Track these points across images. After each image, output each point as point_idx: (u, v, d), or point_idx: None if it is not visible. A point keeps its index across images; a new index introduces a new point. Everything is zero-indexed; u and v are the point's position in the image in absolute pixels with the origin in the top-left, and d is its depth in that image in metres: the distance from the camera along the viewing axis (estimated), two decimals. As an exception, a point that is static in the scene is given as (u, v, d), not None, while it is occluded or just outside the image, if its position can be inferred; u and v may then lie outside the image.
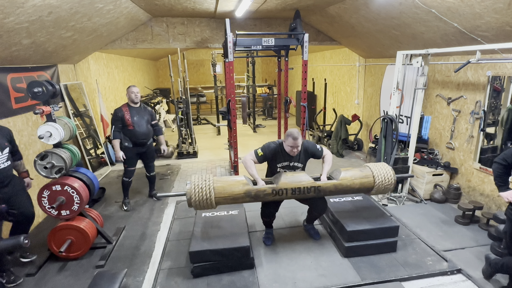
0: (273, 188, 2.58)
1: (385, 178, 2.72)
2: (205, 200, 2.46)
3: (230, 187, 2.56)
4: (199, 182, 2.50)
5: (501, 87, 3.24)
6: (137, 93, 3.64)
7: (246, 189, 2.55)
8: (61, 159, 2.70)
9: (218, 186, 2.53)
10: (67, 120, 3.00)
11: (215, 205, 2.54)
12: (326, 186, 2.65)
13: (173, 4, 4.16)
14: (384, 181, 2.71)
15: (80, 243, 2.83)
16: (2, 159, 2.46)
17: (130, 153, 3.68)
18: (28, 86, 2.60)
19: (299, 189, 2.59)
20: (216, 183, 2.54)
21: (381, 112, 5.24)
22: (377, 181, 2.71)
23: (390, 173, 2.74)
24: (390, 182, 2.73)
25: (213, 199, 2.47)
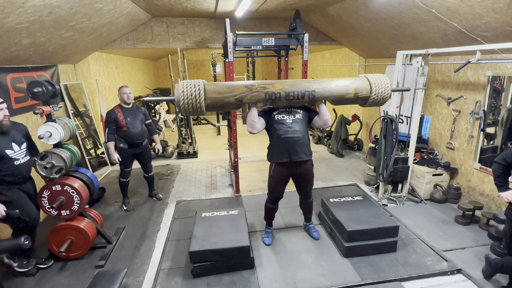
0: (267, 91, 2.42)
1: (382, 88, 2.55)
2: (195, 98, 2.26)
3: (223, 86, 2.40)
4: (189, 84, 2.32)
5: (501, 87, 3.24)
6: (130, 93, 3.59)
7: (240, 90, 2.39)
8: (61, 159, 2.70)
9: (210, 87, 2.36)
10: (67, 120, 3.00)
11: (204, 108, 2.34)
12: (321, 91, 2.50)
13: (173, 4, 4.16)
14: (381, 92, 2.55)
15: (80, 243, 2.83)
16: (21, 154, 2.50)
17: (125, 154, 3.65)
18: (28, 86, 2.60)
19: (293, 93, 2.45)
20: (208, 85, 2.38)
21: (381, 112, 5.23)
22: (373, 90, 2.55)
23: (388, 84, 2.58)
24: (386, 94, 2.58)
25: (202, 98, 2.28)
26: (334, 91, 2.51)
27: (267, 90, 2.42)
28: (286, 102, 2.53)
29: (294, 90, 2.45)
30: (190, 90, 2.27)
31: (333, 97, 2.54)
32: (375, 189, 4.27)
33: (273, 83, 2.47)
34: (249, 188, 4.43)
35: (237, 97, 2.38)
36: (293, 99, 2.47)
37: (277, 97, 2.44)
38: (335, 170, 5.15)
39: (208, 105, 2.36)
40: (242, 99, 2.39)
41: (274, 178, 2.82)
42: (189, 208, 3.89)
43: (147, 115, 3.84)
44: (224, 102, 2.38)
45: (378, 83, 2.54)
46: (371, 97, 2.56)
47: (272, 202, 2.98)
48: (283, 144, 2.63)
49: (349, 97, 2.55)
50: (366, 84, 2.56)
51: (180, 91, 2.28)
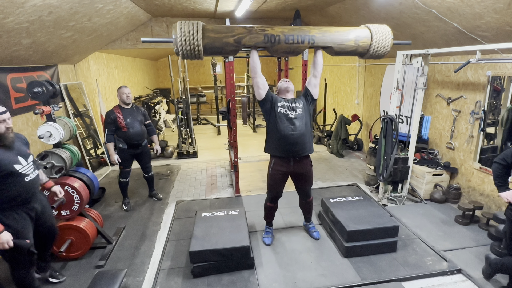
0: (266, 33, 2.37)
1: (382, 36, 2.50)
2: (193, 36, 2.20)
3: (222, 27, 2.35)
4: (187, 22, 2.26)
5: (501, 87, 3.24)
6: (129, 93, 3.58)
7: (239, 31, 2.33)
8: (61, 159, 2.70)
9: (209, 27, 2.31)
10: (67, 120, 3.01)
11: (202, 49, 2.28)
12: (321, 37, 2.46)
13: (173, 4, 4.16)
14: (382, 40, 2.51)
15: (80, 243, 2.83)
16: (29, 168, 2.13)
17: (125, 155, 3.64)
18: (28, 86, 2.60)
19: (293, 37, 2.40)
20: (207, 25, 2.33)
21: (381, 112, 5.24)
22: (374, 38, 2.50)
23: (389, 32, 2.53)
24: (387, 43, 2.52)
25: (200, 36, 2.22)
26: (335, 38, 2.47)
27: (267, 32, 2.37)
28: (285, 47, 2.46)
29: (294, 34, 2.41)
30: (188, 27, 2.22)
31: (333, 43, 2.49)
32: (375, 189, 4.27)
33: (273, 26, 2.44)
34: (249, 188, 4.43)
35: (236, 38, 2.33)
36: (292, 43, 2.41)
37: (276, 40, 2.39)
38: (335, 170, 5.15)
39: (206, 45, 2.30)
40: (241, 40, 2.35)
41: (273, 176, 2.82)
42: (189, 208, 3.89)
43: (146, 116, 3.83)
44: (223, 43, 2.33)
45: (379, 32, 2.50)
46: (372, 45, 2.51)
47: (271, 201, 2.98)
48: (283, 140, 2.63)
49: (350, 44, 2.50)
50: (367, 33, 2.52)
51: (178, 28, 2.22)
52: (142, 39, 2.32)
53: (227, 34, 2.31)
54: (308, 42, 2.44)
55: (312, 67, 2.71)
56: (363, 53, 2.58)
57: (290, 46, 2.44)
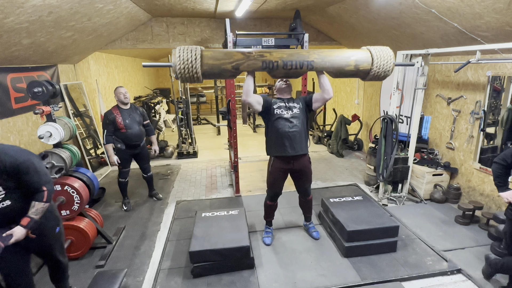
0: (264, 59, 2.34)
1: (384, 60, 2.42)
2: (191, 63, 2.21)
3: (220, 53, 2.35)
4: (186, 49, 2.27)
5: (501, 87, 3.24)
6: (126, 93, 3.56)
7: (237, 57, 2.31)
8: (61, 159, 2.70)
9: (207, 53, 2.31)
10: (67, 120, 3.01)
11: (201, 76, 2.28)
12: (320, 62, 2.41)
13: (173, 4, 4.16)
14: (383, 65, 2.44)
15: (80, 243, 2.83)
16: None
17: (123, 155, 3.63)
18: (28, 86, 2.60)
19: (291, 62, 2.36)
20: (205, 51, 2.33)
21: (381, 112, 5.24)
22: (375, 62, 2.42)
23: (390, 56, 2.46)
24: (389, 67, 2.46)
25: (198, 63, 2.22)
26: (334, 62, 2.43)
27: (265, 59, 2.35)
28: (283, 72, 2.44)
29: (293, 59, 2.38)
30: (186, 55, 2.22)
31: (333, 69, 2.45)
32: (375, 189, 4.27)
33: (271, 51, 2.40)
34: (249, 188, 4.43)
35: (234, 64, 2.32)
36: (291, 69, 2.39)
37: (274, 66, 2.36)
38: (335, 170, 5.15)
39: (205, 71, 2.30)
40: (239, 67, 2.34)
41: (273, 174, 2.84)
42: (189, 208, 3.89)
43: (145, 116, 3.81)
44: (221, 69, 2.32)
45: (381, 55, 2.43)
46: (373, 70, 2.45)
47: (271, 199, 2.99)
48: (281, 138, 2.67)
49: (349, 69, 2.45)
50: (367, 56, 2.46)
51: (177, 56, 2.22)
52: (142, 64, 2.34)
53: (225, 61, 2.31)
54: (307, 67, 2.41)
55: (317, 93, 2.72)
56: (364, 76, 2.55)
57: (288, 72, 2.43)
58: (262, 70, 2.41)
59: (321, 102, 2.73)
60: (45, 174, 1.90)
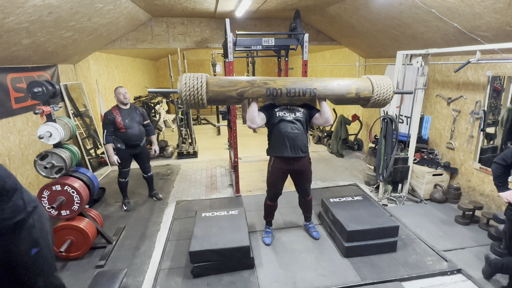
0: (268, 87, 2.43)
1: (383, 89, 2.52)
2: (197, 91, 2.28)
3: (225, 81, 2.41)
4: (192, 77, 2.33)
5: (501, 87, 3.24)
6: (125, 93, 3.56)
7: (241, 85, 2.39)
8: (61, 159, 2.70)
9: (212, 80, 2.37)
10: (67, 120, 3.00)
11: (206, 102, 2.34)
12: (323, 90, 2.50)
13: (173, 4, 4.16)
14: (383, 93, 2.52)
15: (80, 243, 2.83)
16: None
17: (123, 155, 3.63)
18: (28, 86, 2.60)
19: (294, 90, 2.45)
20: (211, 79, 2.39)
21: (381, 112, 5.23)
22: (375, 91, 2.52)
23: (390, 85, 2.55)
24: (388, 95, 2.54)
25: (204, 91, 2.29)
26: (336, 90, 2.51)
27: (269, 86, 2.43)
28: (287, 99, 2.54)
29: (296, 87, 2.46)
30: (192, 82, 2.29)
31: (334, 96, 2.54)
32: (375, 189, 4.27)
33: (275, 79, 2.48)
34: (249, 188, 4.43)
35: (239, 92, 2.38)
36: (294, 96, 2.48)
37: (278, 94, 2.44)
38: (335, 170, 5.15)
39: (210, 98, 2.37)
40: (244, 94, 2.40)
41: (273, 174, 2.84)
42: (189, 208, 3.89)
43: (145, 116, 3.81)
44: (226, 96, 2.39)
45: (380, 84, 2.53)
46: (373, 98, 2.55)
47: (271, 200, 2.99)
48: (282, 139, 2.68)
49: (351, 96, 2.54)
50: (368, 85, 2.55)
51: (183, 83, 2.29)
52: (148, 90, 2.43)
53: (230, 89, 2.37)
54: (309, 94, 2.49)
55: (319, 115, 2.71)
56: (364, 103, 2.63)
57: (292, 98, 2.52)
58: (266, 98, 2.50)
59: (319, 125, 2.78)
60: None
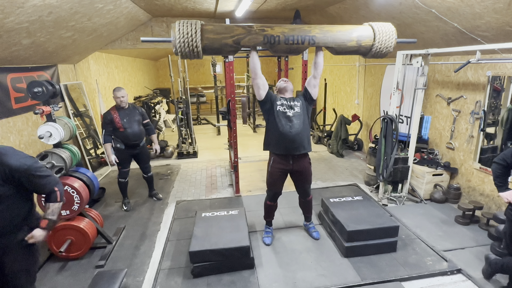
0: (266, 33, 2.32)
1: (386, 36, 2.42)
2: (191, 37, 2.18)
3: (221, 27, 2.32)
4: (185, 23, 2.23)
5: (501, 87, 3.24)
6: (122, 97, 3.51)
7: (238, 32, 2.30)
8: (61, 159, 2.70)
9: (207, 27, 2.27)
10: (67, 120, 3.00)
11: (201, 51, 2.26)
12: (322, 37, 2.40)
13: (173, 4, 4.16)
14: (385, 40, 2.43)
15: (80, 243, 2.83)
16: None
17: (122, 155, 3.64)
18: (28, 86, 2.60)
19: (293, 37, 2.35)
20: (206, 25, 2.29)
21: (381, 112, 5.24)
22: (377, 38, 2.42)
23: (392, 31, 2.44)
24: (391, 43, 2.44)
25: (199, 37, 2.20)
26: (336, 37, 2.42)
27: (266, 33, 2.34)
28: (285, 48, 2.42)
29: (294, 34, 2.37)
30: (186, 29, 2.19)
31: (334, 44, 2.44)
32: (375, 189, 4.27)
33: (272, 26, 2.40)
34: (249, 188, 4.43)
35: (235, 39, 2.31)
36: (292, 43, 2.38)
37: (276, 41, 2.35)
38: (335, 170, 5.15)
39: (205, 46, 2.28)
40: (240, 41, 2.32)
41: (272, 174, 2.84)
42: (189, 208, 3.89)
43: (145, 115, 3.80)
44: (221, 44, 2.31)
45: (382, 31, 2.43)
46: (375, 46, 2.44)
47: (271, 199, 2.99)
48: (281, 138, 2.66)
49: (351, 44, 2.44)
50: (369, 32, 2.45)
51: (176, 30, 2.20)
52: (141, 39, 2.30)
53: (226, 35, 2.29)
54: (308, 42, 2.40)
55: (313, 67, 2.71)
56: (365, 52, 2.53)
57: (290, 47, 2.41)
58: (263, 45, 2.39)
59: (315, 84, 2.73)
60: (52, 175, 1.89)
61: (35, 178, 1.77)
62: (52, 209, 1.87)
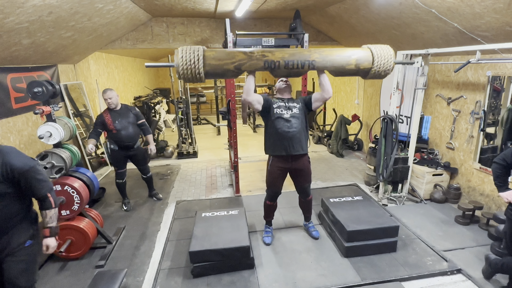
0: (266, 59, 2.37)
1: (384, 59, 2.45)
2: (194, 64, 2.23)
3: (223, 53, 2.36)
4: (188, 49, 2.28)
5: (501, 87, 3.24)
6: (111, 98, 3.47)
7: (239, 57, 2.34)
8: (61, 159, 2.70)
9: (209, 53, 2.32)
10: (67, 120, 3.01)
11: (204, 76, 2.31)
12: (321, 61, 2.43)
13: (173, 4, 4.16)
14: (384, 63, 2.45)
15: (80, 243, 2.83)
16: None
17: (117, 156, 3.63)
18: (28, 86, 2.60)
19: (293, 62, 2.39)
20: (208, 51, 2.33)
21: (381, 112, 5.24)
22: (376, 61, 2.45)
23: (391, 55, 2.47)
24: (389, 65, 2.47)
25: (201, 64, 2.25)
26: (335, 61, 2.45)
27: (267, 58, 2.37)
28: (285, 72, 2.48)
29: (294, 59, 2.40)
30: (189, 56, 2.24)
31: (334, 68, 2.48)
32: (375, 189, 4.27)
33: (272, 51, 2.43)
34: (249, 188, 4.43)
35: (236, 64, 2.34)
36: (292, 68, 2.42)
37: (276, 66, 2.39)
38: (335, 170, 5.15)
39: (207, 71, 2.33)
40: (241, 67, 2.36)
41: (272, 173, 2.84)
42: (189, 208, 3.89)
43: (139, 115, 3.75)
44: (223, 69, 2.35)
45: (381, 54, 2.46)
46: (373, 69, 2.47)
47: (271, 199, 2.99)
48: (280, 138, 2.67)
49: (350, 68, 2.47)
50: (368, 55, 2.48)
51: (180, 56, 2.24)
52: (145, 64, 2.36)
53: (227, 61, 2.33)
54: (308, 66, 2.44)
55: (316, 93, 2.72)
56: (364, 75, 2.57)
57: (290, 71, 2.46)
58: (264, 70, 2.43)
59: (320, 102, 2.74)
60: (48, 181, 1.89)
61: (34, 181, 1.77)
62: (49, 216, 1.88)
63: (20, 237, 1.81)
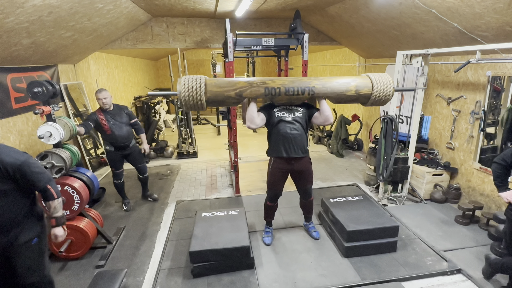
0: (267, 86, 2.43)
1: (383, 86, 2.50)
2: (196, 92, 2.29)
3: (224, 81, 2.42)
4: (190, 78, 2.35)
5: (501, 87, 3.24)
6: (105, 99, 3.43)
7: (240, 85, 2.40)
8: (61, 159, 2.70)
9: (211, 81, 2.39)
10: (67, 120, 3.00)
11: (205, 103, 2.36)
12: (321, 88, 2.48)
13: (173, 4, 4.16)
14: (383, 90, 2.50)
15: (80, 243, 2.83)
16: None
17: (113, 156, 3.63)
18: (28, 86, 2.60)
19: (293, 89, 2.45)
20: (209, 80, 2.41)
21: (381, 112, 5.23)
22: (375, 88, 2.50)
23: (390, 82, 2.53)
24: (389, 92, 2.52)
25: (203, 92, 2.30)
26: (335, 88, 2.50)
27: (267, 85, 2.43)
28: (286, 98, 2.53)
29: (294, 86, 2.46)
30: (191, 84, 2.31)
31: (334, 94, 2.52)
32: (375, 189, 4.27)
33: (273, 79, 2.48)
34: (249, 188, 4.43)
35: (237, 91, 2.39)
36: (293, 94, 2.47)
37: (276, 93, 2.44)
38: (335, 170, 5.15)
39: (209, 99, 2.38)
40: (242, 94, 2.41)
41: (273, 175, 2.84)
42: (189, 208, 3.89)
43: (131, 115, 3.73)
44: (224, 96, 2.40)
45: (380, 81, 2.51)
46: (373, 95, 2.52)
47: (271, 200, 2.98)
48: (281, 140, 2.67)
49: (350, 94, 2.52)
50: (367, 82, 2.52)
51: (182, 84, 2.31)
52: (148, 93, 2.42)
53: (228, 89, 2.38)
54: (308, 93, 2.48)
55: (318, 114, 2.69)
56: (365, 101, 2.60)
57: (291, 97, 2.51)
58: (265, 97, 2.49)
59: (318, 124, 2.76)
60: (46, 173, 1.89)
61: (29, 174, 1.77)
62: (53, 206, 1.90)
63: (27, 234, 1.82)
